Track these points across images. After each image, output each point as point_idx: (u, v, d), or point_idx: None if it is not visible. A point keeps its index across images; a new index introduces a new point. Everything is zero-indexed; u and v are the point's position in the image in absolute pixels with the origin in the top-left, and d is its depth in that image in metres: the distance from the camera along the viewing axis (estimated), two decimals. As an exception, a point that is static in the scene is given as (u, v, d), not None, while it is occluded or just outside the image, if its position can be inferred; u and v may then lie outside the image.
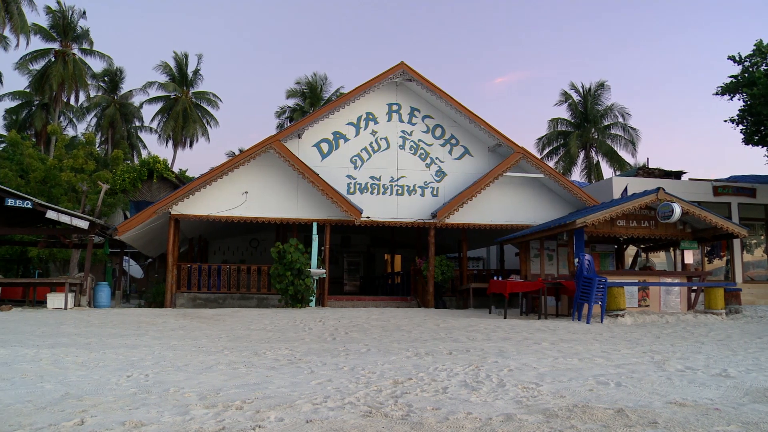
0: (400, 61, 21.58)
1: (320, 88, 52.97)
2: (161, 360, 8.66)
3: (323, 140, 21.48)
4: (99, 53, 48.95)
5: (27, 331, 12.12)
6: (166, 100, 53.41)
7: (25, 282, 21.96)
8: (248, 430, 5.01)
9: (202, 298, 20.43)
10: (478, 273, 23.63)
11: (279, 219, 20.78)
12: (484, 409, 5.67)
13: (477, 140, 22.35)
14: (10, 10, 35.53)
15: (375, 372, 7.68)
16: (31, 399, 6.15)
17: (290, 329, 12.82)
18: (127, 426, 5.11)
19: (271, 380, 7.16)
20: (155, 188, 35.50)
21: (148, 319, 14.60)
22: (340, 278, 29.46)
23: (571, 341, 10.82)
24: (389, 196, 21.54)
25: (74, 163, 27.46)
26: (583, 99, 48.85)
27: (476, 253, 33.24)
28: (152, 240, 23.57)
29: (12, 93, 50.54)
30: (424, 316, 15.99)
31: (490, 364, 8.21)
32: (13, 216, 20.76)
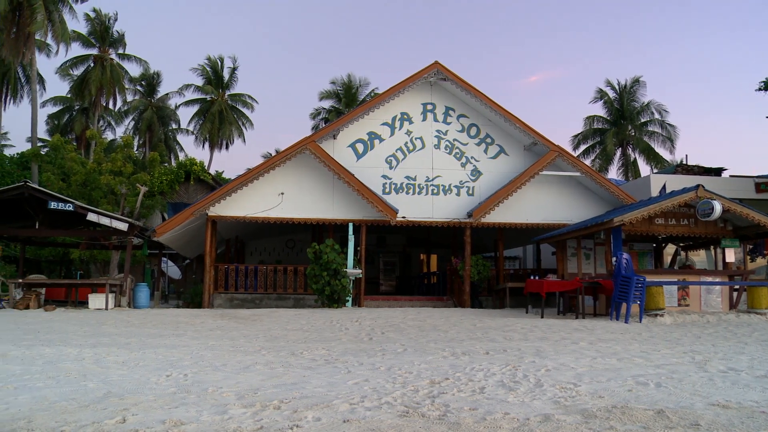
0: (434, 60, 21.53)
1: (355, 89, 53.03)
2: (200, 360, 8.75)
3: (358, 141, 21.52)
4: (136, 58, 49.68)
5: (70, 331, 12.34)
6: (202, 102, 53.95)
7: (68, 283, 22.37)
8: (286, 429, 5.04)
9: (239, 299, 20.60)
10: (515, 272, 23.49)
11: (315, 219, 20.87)
12: (522, 409, 5.64)
13: (512, 139, 22.21)
14: (52, 19, 36.19)
15: (412, 372, 7.67)
16: (75, 397, 6.27)
17: (327, 329, 12.86)
18: (167, 425, 5.18)
19: (309, 380, 7.19)
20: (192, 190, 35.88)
21: (187, 320, 14.76)
22: (376, 278, 29.47)
23: (609, 341, 10.69)
24: (425, 196, 21.50)
25: (113, 166, 27.89)
26: (619, 96, 48.21)
27: (512, 253, 33.01)
28: (190, 241, 23.83)
29: (53, 98, 51.58)
30: (461, 315, 15.94)
31: (528, 364, 8.15)
32: (56, 218, 21.18)
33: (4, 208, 20.53)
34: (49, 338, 11.21)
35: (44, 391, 6.59)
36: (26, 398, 6.23)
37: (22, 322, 14.09)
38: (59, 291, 22.59)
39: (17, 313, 16.48)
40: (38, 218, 20.52)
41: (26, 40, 36.96)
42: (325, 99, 54.48)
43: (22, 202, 19.79)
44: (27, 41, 37.06)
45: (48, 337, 11.31)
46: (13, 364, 8.31)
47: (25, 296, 18.28)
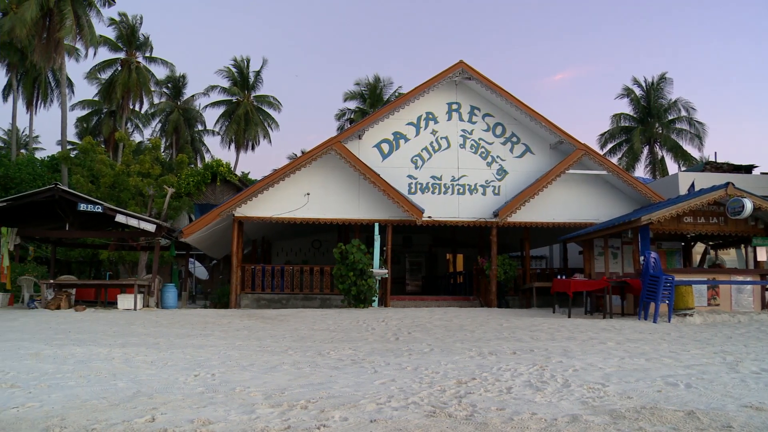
0: (458, 60, 21.49)
1: (380, 90, 53.09)
2: (227, 360, 8.82)
3: (384, 141, 21.54)
4: (162, 60, 50.25)
5: (100, 331, 12.49)
6: (228, 104, 54.35)
7: (97, 284, 22.64)
8: (313, 429, 5.06)
9: (266, 299, 20.71)
10: (541, 272, 23.37)
11: (341, 220, 20.93)
12: (549, 409, 5.62)
13: (538, 138, 22.10)
14: (80, 24, 36.73)
15: (438, 372, 7.67)
16: (106, 396, 6.35)
17: (353, 329, 12.89)
18: (196, 424, 5.23)
19: (335, 380, 7.21)
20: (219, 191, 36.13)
21: (214, 320, 14.87)
22: (402, 278, 29.48)
23: (637, 341, 10.59)
24: (450, 196, 21.47)
25: (141, 168, 28.18)
26: (646, 93, 47.72)
27: (539, 252, 32.84)
28: (217, 242, 24.00)
29: (82, 102, 52.29)
30: (487, 315, 15.89)
31: (555, 364, 8.10)
32: (85, 220, 21.44)
33: (35, 211, 20.82)
34: (80, 338, 11.36)
35: (76, 389, 6.69)
36: (59, 396, 6.33)
37: (53, 321, 14.30)
38: (89, 291, 22.86)
39: (49, 313, 16.72)
40: (68, 220, 20.79)
41: (56, 46, 37.53)
42: (349, 100, 54.67)
43: (52, 204, 20.06)
44: (57, 46, 37.63)
45: (79, 337, 11.47)
46: (45, 363, 8.44)
47: (56, 296, 18.53)
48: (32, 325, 13.64)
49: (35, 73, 46.83)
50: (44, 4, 35.59)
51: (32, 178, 39.29)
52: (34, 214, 21.27)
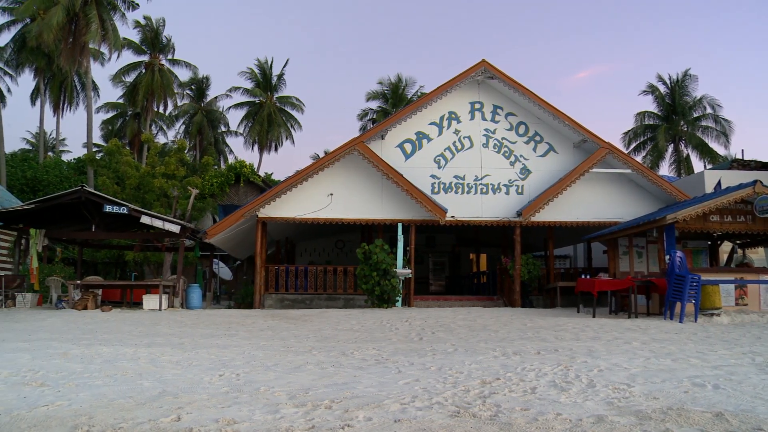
0: (481, 59, 21.44)
1: (402, 89, 53.09)
2: (251, 360, 8.86)
3: (406, 141, 21.54)
4: (185, 62, 50.58)
5: (126, 331, 12.62)
6: (251, 105, 54.63)
7: (123, 284, 22.86)
8: (337, 429, 5.08)
9: (289, 299, 20.79)
10: (565, 271, 23.25)
11: (364, 220, 20.96)
12: (574, 410, 5.59)
13: (561, 136, 21.98)
14: (105, 27, 37.17)
15: (462, 372, 7.66)
16: (132, 395, 6.42)
17: (377, 329, 12.90)
18: (221, 423, 5.27)
19: (359, 380, 7.23)
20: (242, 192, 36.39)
21: (238, 320, 14.95)
22: (425, 278, 29.45)
23: (663, 341, 10.49)
24: (473, 195, 21.42)
25: (166, 170, 28.42)
26: (671, 91, 47.25)
27: (563, 251, 32.66)
28: (241, 242, 24.14)
29: (107, 104, 52.89)
30: (511, 315, 15.83)
31: (580, 364, 8.06)
32: (111, 221, 21.66)
33: (62, 212, 21.07)
34: (107, 338, 11.48)
35: (103, 389, 6.77)
36: (86, 395, 6.41)
37: (80, 322, 14.46)
38: (115, 292, 23.08)
39: (76, 313, 16.91)
40: (94, 221, 21.01)
41: (81, 50, 37.99)
42: (372, 99, 54.75)
43: (79, 206, 20.28)
44: (82, 50, 38.09)
45: (105, 337, 11.59)
46: (73, 363, 8.55)
47: (83, 297, 18.73)
48: (60, 325, 13.80)
49: (61, 77, 47.43)
50: (70, 9, 36.04)
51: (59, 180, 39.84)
52: (61, 215, 21.52)
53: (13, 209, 20.31)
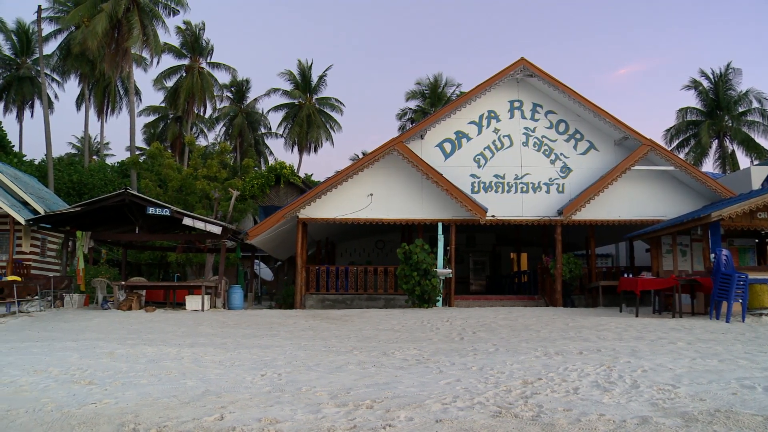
0: (520, 57, 21.28)
1: (441, 89, 52.99)
2: (293, 360, 8.94)
3: (446, 140, 21.50)
4: (224, 66, 51.18)
5: (169, 331, 12.81)
6: (290, 107, 54.99)
7: (166, 285, 23.19)
8: (379, 429, 5.10)
9: (330, 299, 20.88)
10: (607, 270, 22.97)
11: (404, 220, 20.97)
12: (618, 410, 5.53)
13: (602, 134, 21.72)
14: (147, 33, 37.80)
15: (504, 372, 7.62)
16: (176, 394, 6.53)
17: (418, 329, 12.90)
18: (263, 423, 5.33)
19: (400, 380, 7.24)
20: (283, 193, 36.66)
21: (280, 320, 15.08)
22: (466, 278, 29.33)
23: (709, 341, 10.29)
24: (514, 194, 21.29)
25: (208, 172, 28.76)
26: (714, 86, 46.25)
27: (604, 250, 32.27)
28: (281, 243, 24.31)
29: (149, 108, 53.80)
30: (553, 315, 15.70)
31: (623, 365, 7.96)
32: (154, 223, 22.00)
33: (107, 215, 21.45)
34: (151, 338, 11.67)
35: (148, 388, 6.90)
36: (132, 394, 6.54)
37: (125, 322, 14.72)
38: (158, 293, 23.42)
39: (121, 313, 17.21)
40: (138, 223, 21.35)
41: (124, 55, 38.69)
42: (411, 99, 54.75)
43: (123, 208, 20.63)
44: (125, 56, 38.78)
45: (149, 337, 11.78)
46: (119, 362, 8.72)
47: (127, 298, 19.05)
48: (106, 325, 14.07)
49: (105, 82, 48.43)
50: (113, 16, 36.73)
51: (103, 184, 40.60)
52: (106, 218, 21.92)
53: (61, 212, 20.76)
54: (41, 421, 5.56)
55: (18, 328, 13.82)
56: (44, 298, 19.10)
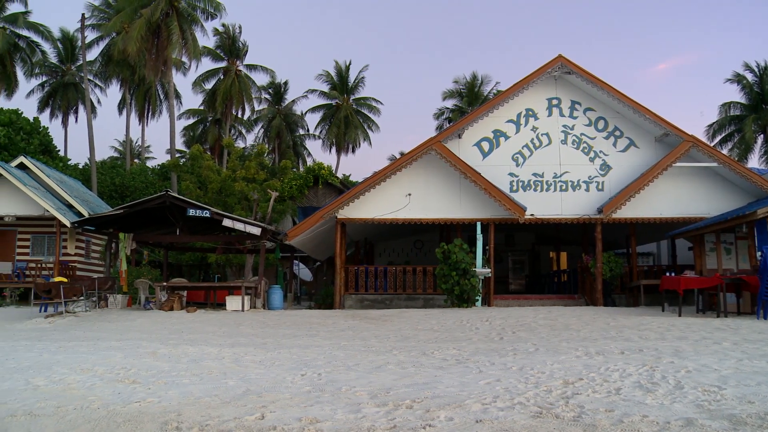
0: (557, 54, 21.12)
1: (478, 87, 52.77)
2: (332, 359, 8.98)
3: (483, 139, 21.41)
4: (262, 67, 51.59)
5: (210, 332, 12.96)
6: (328, 107, 55.24)
7: (207, 286, 23.48)
8: (418, 429, 5.10)
9: (369, 299, 20.93)
10: (649, 269, 22.66)
11: (442, 220, 20.94)
12: (661, 412, 5.45)
13: (642, 131, 21.42)
14: (185, 38, 38.31)
15: (544, 372, 7.57)
16: (217, 393, 6.61)
17: (457, 329, 12.87)
18: (303, 422, 5.36)
19: (440, 380, 7.23)
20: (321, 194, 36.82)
21: (319, 320, 15.15)
22: (505, 277, 29.17)
23: (756, 341, 10.06)
24: (552, 193, 21.12)
25: (247, 174, 29.03)
26: (759, 79, 45.19)
27: (645, 249, 31.84)
28: (320, 244, 24.44)
29: (188, 111, 54.53)
30: (593, 314, 15.53)
31: (666, 365, 7.84)
32: (194, 225, 22.27)
33: (148, 217, 21.77)
34: (192, 338, 11.83)
35: (190, 387, 6.99)
36: (175, 393, 6.64)
37: (167, 322, 14.94)
38: (199, 293, 23.71)
39: (163, 314, 17.46)
40: (179, 225, 21.63)
41: (164, 60, 39.28)
42: (448, 99, 54.66)
43: (164, 210, 20.90)
44: (164, 61, 39.37)
45: (191, 337, 11.94)
46: (162, 362, 8.85)
47: (169, 298, 19.32)
48: (148, 325, 14.29)
49: (145, 86, 49.24)
50: (152, 21, 37.30)
51: (144, 186, 41.28)
52: (147, 220, 22.24)
53: (104, 215, 21.13)
54: (89, 418, 5.68)
55: (65, 327, 14.12)
56: (89, 299, 19.47)
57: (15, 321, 16.60)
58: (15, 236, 28.98)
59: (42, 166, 29.68)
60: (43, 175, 28.48)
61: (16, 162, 28.67)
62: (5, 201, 26.87)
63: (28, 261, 28.41)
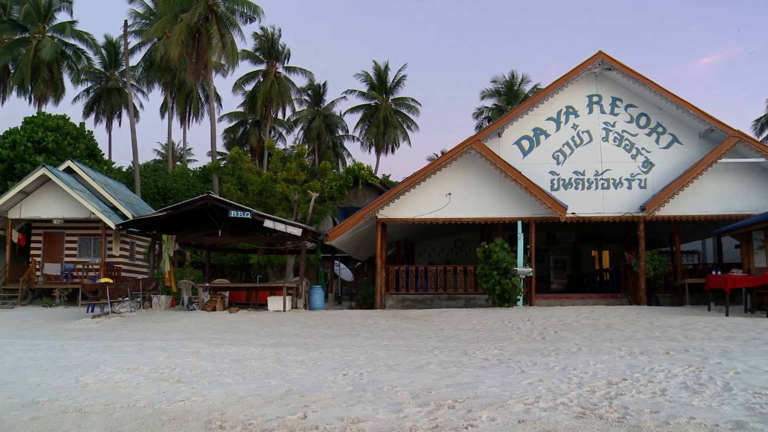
0: (597, 50, 20.87)
1: (517, 86, 52.48)
2: (374, 359, 9.00)
3: (523, 137, 21.26)
4: (301, 69, 51.93)
5: (252, 332, 13.09)
6: (367, 108, 55.38)
7: (248, 286, 23.70)
8: (461, 429, 5.08)
9: (410, 299, 20.92)
10: (693, 267, 22.25)
11: (482, 219, 20.84)
12: (709, 414, 5.34)
13: (686, 127, 21.06)
14: (225, 41, 38.74)
15: (587, 372, 7.49)
16: (260, 393, 6.67)
17: (498, 329, 12.81)
18: (345, 422, 5.39)
19: (482, 380, 7.20)
20: (361, 194, 36.92)
21: (360, 320, 15.20)
22: (546, 276, 28.92)
23: (809, 341, 9.82)
24: (594, 191, 20.89)
25: (287, 175, 29.24)
26: (810, 71, 44.18)
27: (690, 247, 31.30)
28: (360, 244, 24.50)
29: (229, 114, 55.16)
30: (636, 313, 15.32)
31: (713, 366, 7.69)
32: (236, 226, 22.50)
33: (191, 218, 22.06)
34: (235, 338, 11.96)
35: (233, 386, 7.07)
36: (218, 393, 6.72)
37: (210, 322, 15.12)
38: (241, 294, 23.94)
39: (206, 314, 17.68)
40: (220, 226, 21.88)
41: (204, 64, 39.81)
42: (486, 98, 54.49)
43: (206, 212, 21.17)
44: (205, 64, 39.90)
45: (233, 337, 12.07)
46: (205, 361, 8.97)
47: (211, 299, 19.55)
48: (192, 325, 14.49)
49: (186, 90, 49.98)
50: (192, 26, 37.79)
51: (186, 189, 41.83)
52: (190, 222, 22.54)
53: (148, 217, 21.47)
54: (135, 416, 5.80)
55: (111, 327, 14.40)
56: (134, 299, 19.80)
57: (64, 321, 16.99)
58: (63, 238, 29.69)
59: (88, 169, 30.31)
60: (89, 179, 29.09)
61: (64, 166, 29.38)
62: (54, 204, 27.56)
63: (76, 262, 29.07)
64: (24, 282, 27.00)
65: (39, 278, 27.90)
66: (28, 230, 29.88)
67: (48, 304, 26.20)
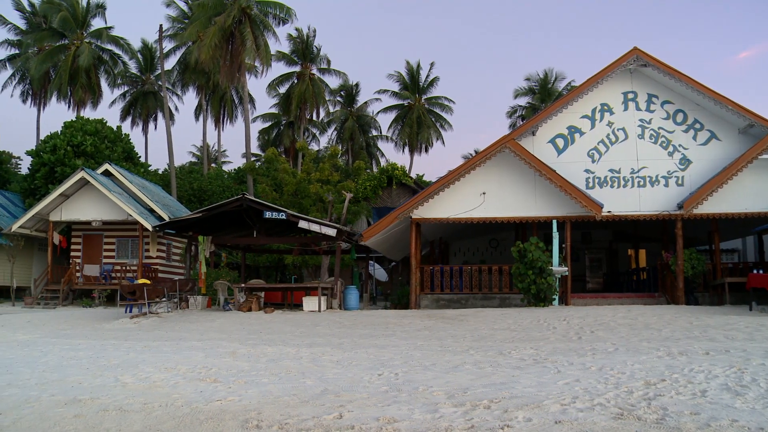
0: (632, 47, 20.62)
1: (551, 84, 52.11)
2: (409, 359, 9.00)
3: (558, 136, 21.09)
4: (334, 71, 52.17)
5: (288, 332, 13.17)
6: (400, 108, 55.38)
7: (284, 287, 23.85)
8: (496, 429, 5.06)
9: (445, 299, 20.87)
10: (734, 266, 21.89)
11: (517, 218, 20.71)
12: (753, 417, 5.24)
13: (724, 122, 20.70)
14: (258, 44, 39.04)
15: (624, 372, 7.41)
16: (296, 393, 6.71)
17: (534, 328, 12.72)
18: (381, 422, 5.39)
19: (517, 380, 7.16)
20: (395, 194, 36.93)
21: (395, 320, 15.21)
22: (582, 276, 28.66)
23: None
24: (630, 189, 20.64)
25: (321, 176, 29.36)
26: None
27: (730, 245, 30.78)
28: (395, 244, 24.50)
29: (263, 115, 55.59)
30: (674, 313, 15.11)
31: (756, 367, 7.55)
32: (270, 227, 22.67)
33: (226, 220, 22.27)
34: (270, 338, 12.04)
35: (269, 386, 7.12)
36: (254, 392, 6.78)
37: (246, 323, 15.25)
38: (276, 294, 24.10)
39: (241, 314, 17.83)
40: (255, 227, 22.05)
41: (238, 66, 40.16)
42: (520, 96, 54.25)
43: (241, 213, 21.36)
44: (239, 66, 40.25)
45: (269, 337, 12.16)
46: (241, 361, 9.05)
47: (247, 299, 19.70)
48: (228, 325, 14.62)
49: (220, 92, 50.49)
50: (226, 29, 38.15)
51: (221, 190, 42.24)
52: (225, 223, 22.75)
53: (184, 218, 21.72)
54: (173, 415, 5.87)
55: (149, 327, 14.60)
56: (171, 300, 20.05)
57: (103, 321, 17.28)
58: (102, 240, 30.21)
59: (125, 172, 30.79)
60: (126, 181, 29.55)
61: (102, 169, 29.88)
62: (92, 207, 28.08)
63: (114, 264, 29.55)
64: (65, 283, 27.53)
65: (79, 279, 28.44)
66: (68, 232, 30.49)
67: (88, 304, 26.67)
